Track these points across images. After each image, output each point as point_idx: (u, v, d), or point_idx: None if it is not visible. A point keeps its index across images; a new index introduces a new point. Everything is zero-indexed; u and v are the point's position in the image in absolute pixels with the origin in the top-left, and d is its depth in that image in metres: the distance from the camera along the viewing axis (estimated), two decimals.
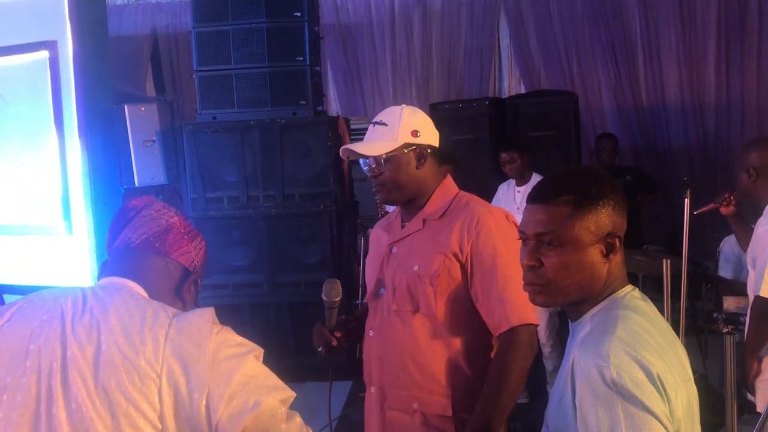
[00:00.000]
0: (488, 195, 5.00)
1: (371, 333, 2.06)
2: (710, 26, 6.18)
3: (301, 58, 4.29)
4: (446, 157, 4.10)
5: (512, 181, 4.66)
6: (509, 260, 1.88)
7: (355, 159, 2.03)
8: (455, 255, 1.93)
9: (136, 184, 4.74)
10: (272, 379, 1.26)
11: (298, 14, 4.25)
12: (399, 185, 1.98)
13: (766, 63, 6.12)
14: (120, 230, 1.43)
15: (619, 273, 1.36)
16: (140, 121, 4.70)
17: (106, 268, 1.42)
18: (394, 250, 2.04)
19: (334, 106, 6.72)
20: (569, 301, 1.36)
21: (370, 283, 2.13)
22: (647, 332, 1.27)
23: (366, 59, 6.73)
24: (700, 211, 3.29)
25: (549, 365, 4.38)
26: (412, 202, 2.03)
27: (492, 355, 1.97)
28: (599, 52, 6.34)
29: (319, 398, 2.21)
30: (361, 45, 6.72)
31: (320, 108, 4.55)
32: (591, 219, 1.32)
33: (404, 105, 2.04)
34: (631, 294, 1.35)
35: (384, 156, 1.95)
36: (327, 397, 2.14)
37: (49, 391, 1.19)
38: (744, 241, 3.11)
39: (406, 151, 1.97)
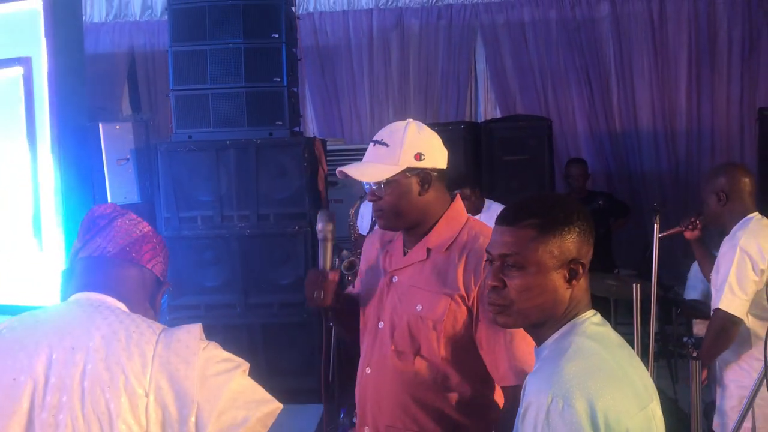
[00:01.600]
0: None
1: (368, 370, 1.92)
2: (681, 53, 6.32)
3: (279, 79, 4.30)
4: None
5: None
6: None
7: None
8: (462, 298, 1.79)
9: (109, 203, 4.70)
10: (259, 392, 1.27)
11: (276, 35, 4.27)
12: (399, 212, 1.83)
13: (735, 90, 6.26)
14: (90, 239, 1.40)
15: (582, 298, 1.37)
16: (115, 140, 4.67)
17: (75, 280, 1.38)
18: (395, 279, 1.90)
19: (311, 127, 6.74)
20: (530, 323, 1.38)
21: (363, 306, 1.99)
22: (601, 359, 1.27)
23: (344, 81, 6.76)
24: (665, 234, 3.33)
25: None
26: (414, 229, 1.89)
27: (495, 397, 1.87)
28: (573, 77, 6.44)
29: (294, 421, 2.18)
30: (339, 67, 6.76)
31: (297, 129, 4.56)
32: (555, 243, 1.33)
33: (410, 121, 1.90)
34: (590, 320, 1.35)
35: (384, 181, 1.80)
36: (300, 421, 2.08)
37: (40, 420, 1.18)
38: (705, 266, 3.17)
39: (408, 175, 1.81)
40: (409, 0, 6.67)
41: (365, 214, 4.23)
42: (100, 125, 4.67)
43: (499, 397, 1.87)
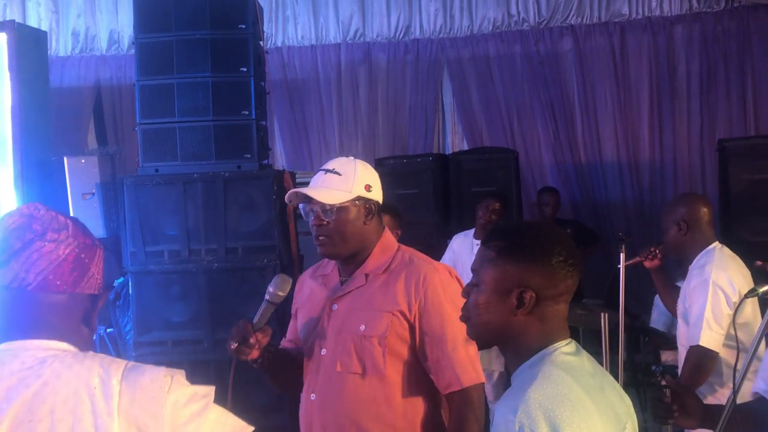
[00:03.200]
0: (432, 248, 5.03)
1: (313, 397, 1.96)
2: (643, 87, 6.49)
3: (247, 112, 4.29)
4: (384, 207, 4.11)
5: (471, 232, 4.64)
6: (456, 318, 1.86)
7: (296, 204, 1.97)
8: (402, 314, 1.89)
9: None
10: (230, 421, 1.26)
11: (244, 69, 4.28)
12: (344, 238, 1.92)
13: (695, 123, 6.43)
14: (5, 262, 1.23)
15: (549, 329, 1.37)
16: (80, 173, 4.62)
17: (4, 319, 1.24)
18: (335, 307, 1.97)
19: (280, 161, 6.74)
20: (486, 341, 1.44)
21: (305, 340, 2.04)
22: (568, 388, 1.28)
23: (313, 115, 6.80)
24: (626, 263, 3.37)
25: None
26: (352, 258, 1.98)
27: (442, 412, 1.95)
28: (539, 110, 6.56)
29: None
30: (308, 101, 6.80)
31: (266, 162, 4.55)
32: (508, 269, 1.36)
33: (353, 158, 2.02)
34: (561, 350, 1.36)
35: (336, 206, 1.90)
36: None
37: None
38: (666, 295, 3.20)
39: (357, 204, 1.93)
40: (376, 35, 6.76)
41: None
42: (65, 159, 4.63)
43: (447, 415, 1.93)
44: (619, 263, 3.29)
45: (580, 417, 1.24)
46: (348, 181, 1.92)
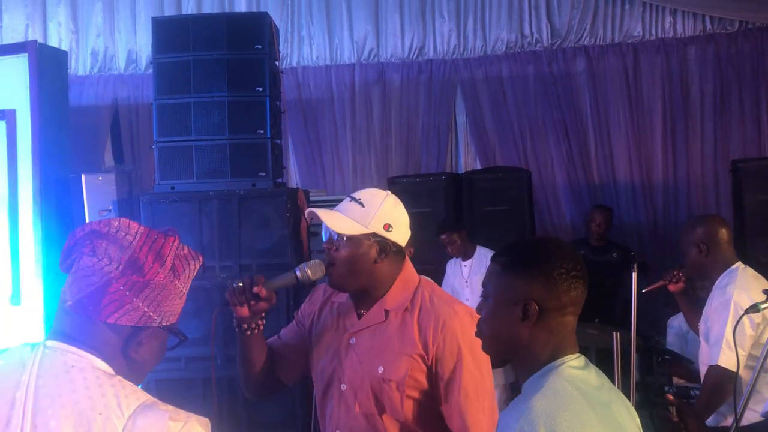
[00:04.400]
0: (444, 268, 5.06)
1: None
2: (656, 107, 6.51)
3: (262, 131, 4.35)
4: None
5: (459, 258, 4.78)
6: (473, 366, 1.84)
7: (317, 223, 1.92)
8: (422, 357, 1.85)
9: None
10: None
11: (260, 89, 4.34)
12: (351, 271, 1.86)
13: (709, 142, 6.43)
14: (66, 270, 1.28)
15: (557, 341, 1.40)
16: (97, 191, 4.68)
17: (56, 320, 1.28)
18: (353, 341, 1.92)
19: (294, 179, 6.79)
20: (499, 355, 1.47)
21: (322, 368, 1.99)
22: (572, 399, 1.30)
23: (326, 134, 6.85)
24: (648, 288, 3.35)
25: None
26: (363, 294, 1.93)
27: None
28: (551, 130, 6.58)
29: None
30: (322, 120, 6.86)
31: (280, 180, 4.60)
32: (512, 282, 1.41)
33: (390, 193, 1.94)
34: (568, 363, 1.38)
35: (346, 236, 1.84)
36: None
37: None
38: (691, 318, 3.19)
39: (370, 240, 1.86)
40: (390, 55, 6.82)
41: None
42: (83, 176, 4.69)
43: None
44: (632, 282, 3.28)
45: (581, 428, 1.26)
46: (368, 215, 1.86)
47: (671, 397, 1.82)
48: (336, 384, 1.94)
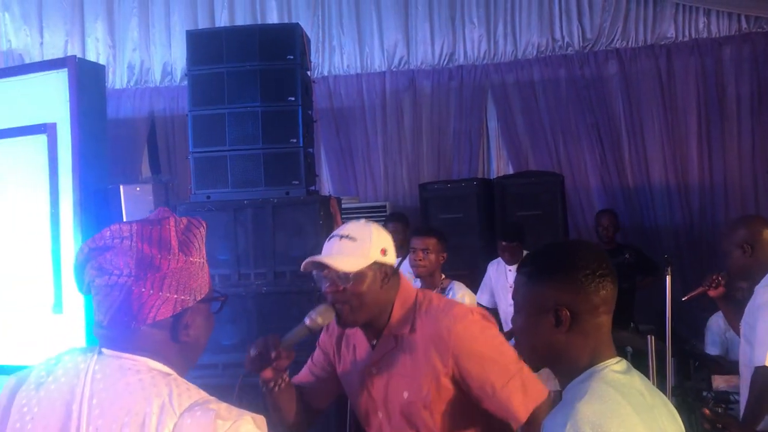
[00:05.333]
0: (476, 273, 5.06)
1: None
2: (691, 109, 6.41)
3: (295, 140, 4.40)
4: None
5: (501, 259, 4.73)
6: (494, 354, 1.88)
7: (310, 270, 1.92)
8: (442, 372, 1.88)
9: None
10: None
11: (293, 99, 4.40)
12: (362, 303, 1.88)
13: (746, 144, 6.31)
14: (87, 293, 1.29)
15: (594, 344, 1.39)
16: (135, 201, 4.78)
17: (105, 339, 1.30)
18: (375, 371, 1.98)
19: (326, 186, 6.85)
20: (536, 364, 1.47)
21: (355, 399, 2.04)
22: (617, 404, 1.29)
23: (358, 141, 6.90)
24: (689, 296, 3.31)
25: None
26: (371, 323, 1.96)
27: None
28: (584, 133, 6.53)
29: None
30: (354, 128, 6.90)
31: (313, 188, 4.65)
32: (539, 290, 1.40)
33: (369, 221, 1.99)
34: (610, 367, 1.37)
35: (353, 273, 1.85)
36: None
37: None
38: (734, 322, 3.14)
39: (373, 269, 1.88)
40: (420, 62, 6.85)
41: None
42: (121, 187, 4.79)
43: None
44: (666, 285, 3.24)
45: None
46: (364, 247, 1.88)
47: (708, 412, 1.80)
48: (373, 413, 2.00)
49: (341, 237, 1.91)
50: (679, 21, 6.47)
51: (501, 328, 4.55)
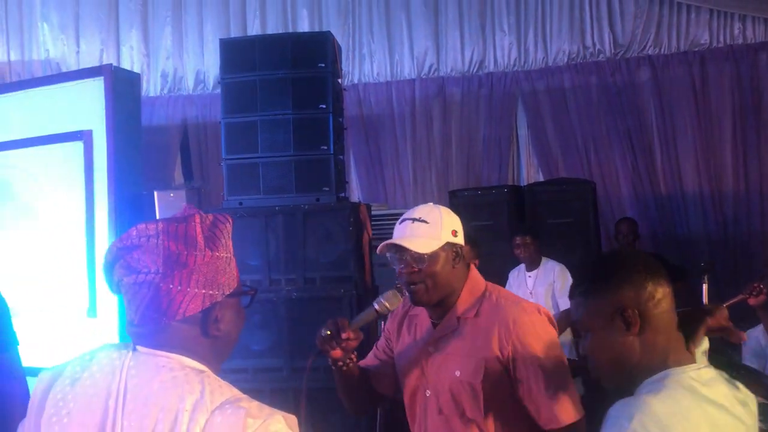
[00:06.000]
0: (507, 280, 5.03)
1: None
2: (725, 117, 6.31)
3: (325, 147, 4.44)
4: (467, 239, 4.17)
5: (522, 267, 4.72)
6: (548, 357, 1.90)
7: (386, 253, 1.99)
8: (497, 358, 1.92)
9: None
10: None
11: (323, 106, 4.44)
12: (436, 283, 1.96)
13: None
14: (117, 293, 1.29)
15: (665, 342, 1.39)
16: (169, 207, 4.85)
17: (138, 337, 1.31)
18: (432, 350, 2.03)
19: (356, 193, 6.87)
20: (617, 379, 1.43)
21: (407, 379, 2.09)
22: (689, 411, 1.27)
23: (387, 148, 6.92)
24: (728, 304, 3.26)
25: None
26: (441, 303, 2.01)
27: None
28: (616, 140, 6.47)
29: None
30: (383, 135, 6.93)
31: (343, 194, 4.67)
32: (599, 302, 1.40)
33: (437, 205, 2.06)
34: (689, 374, 1.35)
35: (428, 254, 1.94)
36: None
37: None
38: None
39: (446, 249, 1.97)
40: (450, 69, 6.85)
41: None
42: (155, 193, 4.86)
43: None
44: (702, 293, 3.19)
45: None
46: (437, 229, 1.96)
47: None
48: (421, 391, 2.05)
49: (413, 220, 1.99)
50: (713, 27, 6.39)
51: None
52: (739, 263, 6.02)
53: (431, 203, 2.07)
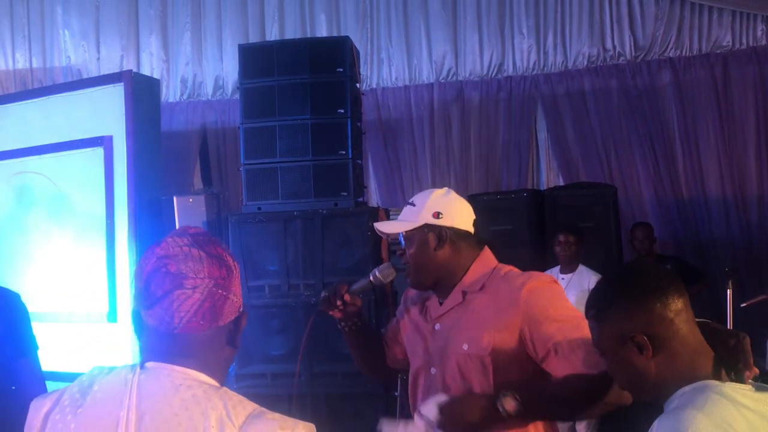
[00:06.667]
0: None
1: None
2: (749, 120, 6.22)
3: (344, 152, 4.43)
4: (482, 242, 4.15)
5: (556, 269, 4.66)
6: (561, 316, 1.84)
7: (394, 241, 2.12)
8: (505, 327, 1.87)
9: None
10: None
11: (342, 111, 4.43)
12: (419, 266, 1.98)
13: None
14: (149, 308, 1.26)
15: (691, 359, 1.35)
16: (188, 212, 4.86)
17: (147, 342, 1.30)
18: (437, 326, 2.01)
19: (374, 198, 6.86)
20: (637, 397, 1.45)
21: (413, 358, 2.11)
22: (735, 421, 1.24)
23: (406, 153, 6.90)
24: (748, 303, 3.22)
25: None
26: (439, 284, 2.02)
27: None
28: (637, 144, 6.40)
29: None
30: (401, 140, 6.91)
31: (361, 199, 4.66)
32: (610, 327, 1.40)
33: (444, 188, 2.10)
34: (727, 385, 1.32)
35: (403, 234, 2.00)
36: None
37: None
38: None
39: (425, 231, 1.97)
40: (469, 73, 6.82)
41: None
42: (175, 198, 4.88)
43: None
44: (727, 298, 3.14)
45: None
46: (417, 211, 1.99)
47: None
48: (426, 369, 2.02)
49: (408, 203, 2.06)
50: (736, 28, 6.30)
51: None
52: (765, 269, 5.93)
53: (444, 188, 2.10)
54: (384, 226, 2.07)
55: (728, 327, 3.13)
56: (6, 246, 5.05)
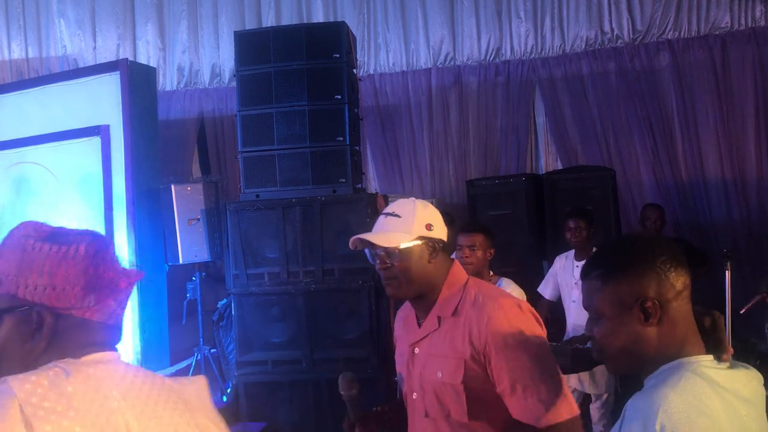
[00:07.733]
0: (526, 270, 4.99)
1: None
2: (748, 102, 6.19)
3: (342, 139, 4.42)
4: (477, 226, 4.12)
5: (571, 254, 4.55)
6: (524, 356, 1.81)
7: (362, 249, 1.99)
8: (473, 358, 1.87)
9: (181, 261, 4.88)
10: None
11: (339, 97, 4.41)
12: (410, 279, 1.94)
13: None
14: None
15: (682, 333, 1.35)
16: (186, 200, 4.86)
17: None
18: (416, 351, 2.01)
19: (373, 184, 6.85)
20: (625, 367, 1.40)
21: (401, 383, 2.13)
22: (708, 398, 1.25)
23: (404, 139, 6.88)
24: (747, 308, 3.22)
25: None
26: (421, 298, 2.00)
27: None
28: (636, 127, 6.38)
29: None
30: (399, 125, 6.89)
31: (359, 185, 4.65)
32: (618, 289, 1.35)
33: (415, 199, 2.04)
34: (703, 363, 1.32)
35: (399, 248, 1.92)
36: None
37: None
38: None
39: (419, 243, 1.94)
40: (466, 58, 6.79)
41: None
42: (173, 187, 4.88)
43: None
44: (726, 280, 3.15)
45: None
46: (407, 222, 1.94)
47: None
48: (410, 395, 2.04)
49: (387, 215, 1.98)
50: (734, 9, 6.26)
51: (564, 322, 4.46)
52: (764, 251, 5.93)
53: (411, 198, 2.04)
54: (377, 239, 1.93)
55: (727, 309, 3.14)
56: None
